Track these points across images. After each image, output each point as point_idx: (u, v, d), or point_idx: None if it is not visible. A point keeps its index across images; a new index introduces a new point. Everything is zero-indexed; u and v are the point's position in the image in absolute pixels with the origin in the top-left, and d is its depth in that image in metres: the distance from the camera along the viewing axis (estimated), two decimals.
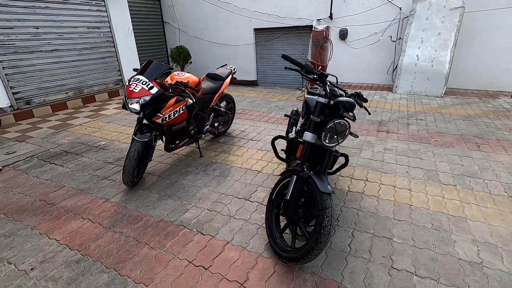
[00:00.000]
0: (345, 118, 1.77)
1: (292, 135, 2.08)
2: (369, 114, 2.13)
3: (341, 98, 1.76)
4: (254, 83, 8.09)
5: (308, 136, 1.84)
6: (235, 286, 1.74)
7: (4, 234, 2.27)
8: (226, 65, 4.06)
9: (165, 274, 1.85)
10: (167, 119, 2.75)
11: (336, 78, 2.96)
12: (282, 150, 2.64)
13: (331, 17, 6.92)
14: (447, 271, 1.80)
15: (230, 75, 3.80)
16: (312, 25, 6.39)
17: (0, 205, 2.66)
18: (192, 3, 8.16)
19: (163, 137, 3.09)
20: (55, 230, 2.29)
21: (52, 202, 2.68)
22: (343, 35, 7.00)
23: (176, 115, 2.82)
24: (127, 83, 2.62)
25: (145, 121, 2.77)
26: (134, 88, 2.54)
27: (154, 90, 2.56)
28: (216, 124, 4.00)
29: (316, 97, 1.86)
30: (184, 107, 2.89)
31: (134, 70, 2.80)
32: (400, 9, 6.36)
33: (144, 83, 2.56)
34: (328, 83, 1.86)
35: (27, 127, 4.79)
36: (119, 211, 2.51)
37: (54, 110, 5.63)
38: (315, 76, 1.83)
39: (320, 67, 6.01)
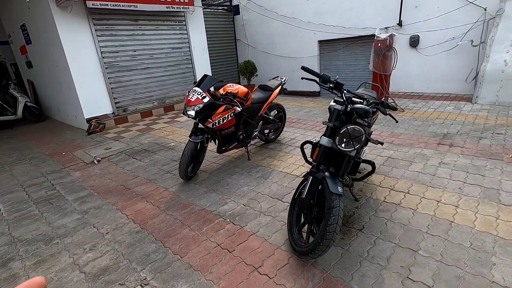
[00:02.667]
0: (359, 124, 1.85)
1: (315, 139, 2.22)
2: (396, 121, 2.12)
3: (356, 105, 1.86)
4: (315, 94, 8.18)
5: (324, 140, 1.98)
6: (250, 269, 1.98)
7: (94, 207, 3.02)
8: (278, 76, 4.37)
9: (197, 251, 2.21)
10: (216, 124, 3.19)
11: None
12: None
13: (400, 24, 6.58)
14: None
15: (280, 86, 4.08)
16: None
17: (96, 186, 3.51)
18: (261, 21, 8.82)
19: (216, 140, 3.55)
20: (127, 208, 2.93)
21: (129, 187, 3.40)
22: (414, 42, 6.54)
23: (225, 121, 3.25)
24: (186, 93, 3.17)
25: (201, 126, 3.28)
26: (191, 98, 3.07)
27: (206, 99, 3.04)
28: (266, 131, 4.33)
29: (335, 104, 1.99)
30: (232, 114, 3.30)
31: (194, 83, 3.36)
32: (485, 9, 5.63)
33: (199, 93, 3.07)
34: (345, 91, 1.96)
35: (122, 129, 6.00)
36: (173, 199, 3.03)
37: (142, 116, 6.86)
38: (331, 85, 1.96)
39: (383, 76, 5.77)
